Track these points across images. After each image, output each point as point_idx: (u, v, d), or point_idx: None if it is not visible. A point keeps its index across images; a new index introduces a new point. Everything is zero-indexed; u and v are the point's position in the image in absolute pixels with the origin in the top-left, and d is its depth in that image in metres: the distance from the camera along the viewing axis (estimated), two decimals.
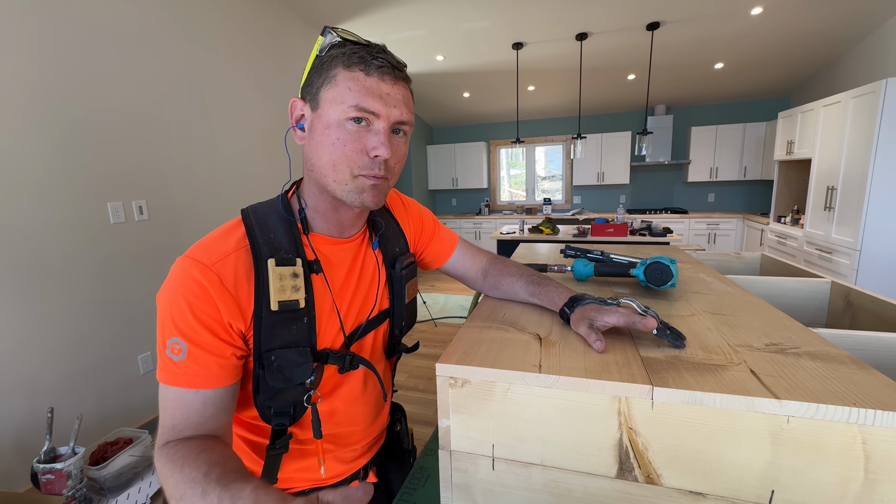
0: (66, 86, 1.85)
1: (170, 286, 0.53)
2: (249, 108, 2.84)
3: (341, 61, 0.54)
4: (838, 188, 3.12)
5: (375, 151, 0.55)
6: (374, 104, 0.54)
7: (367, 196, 0.57)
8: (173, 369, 0.52)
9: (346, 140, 0.54)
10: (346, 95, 0.53)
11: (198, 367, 0.52)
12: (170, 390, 0.53)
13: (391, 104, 0.55)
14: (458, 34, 3.66)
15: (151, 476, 1.81)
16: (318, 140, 0.56)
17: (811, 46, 3.74)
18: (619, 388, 0.45)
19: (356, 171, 0.56)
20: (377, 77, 0.54)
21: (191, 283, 0.52)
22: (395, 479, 0.84)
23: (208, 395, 0.53)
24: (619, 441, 0.46)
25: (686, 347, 0.54)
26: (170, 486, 0.47)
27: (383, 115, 0.55)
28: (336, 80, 0.54)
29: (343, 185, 0.56)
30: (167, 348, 0.52)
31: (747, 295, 0.77)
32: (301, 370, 0.57)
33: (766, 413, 0.41)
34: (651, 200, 5.80)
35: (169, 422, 0.53)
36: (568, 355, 0.53)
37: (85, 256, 1.94)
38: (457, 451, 0.53)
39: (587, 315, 0.58)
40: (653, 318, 0.54)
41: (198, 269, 0.53)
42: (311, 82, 0.57)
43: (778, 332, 0.58)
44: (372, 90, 0.54)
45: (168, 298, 0.53)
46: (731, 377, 0.45)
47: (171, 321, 0.52)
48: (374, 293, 0.69)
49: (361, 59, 0.53)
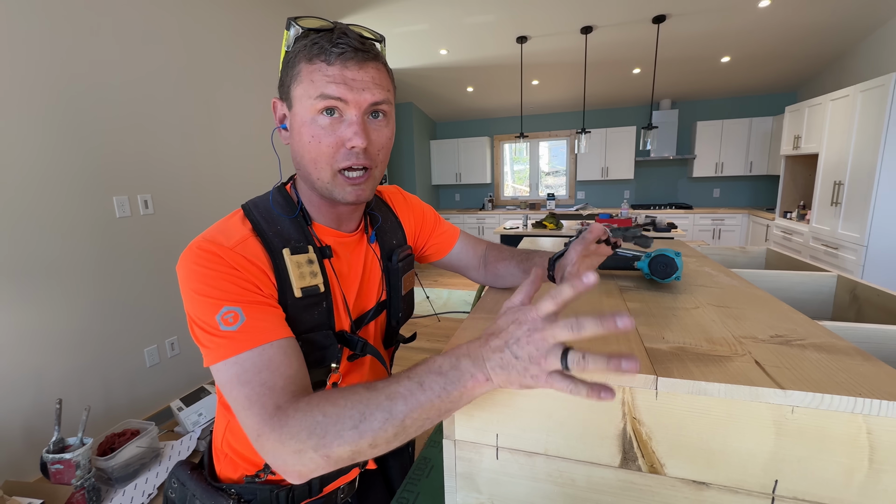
0: (71, 80, 1.86)
1: (196, 268, 0.51)
2: (253, 101, 2.84)
3: (303, 55, 0.52)
4: (846, 183, 3.09)
5: (351, 143, 0.53)
6: (340, 91, 0.51)
7: (349, 193, 0.56)
8: (236, 336, 0.48)
9: (320, 136, 0.53)
10: (310, 89, 0.52)
11: (262, 321, 0.50)
12: (240, 359, 0.47)
13: (359, 88, 0.52)
14: (462, 28, 3.64)
15: (158, 466, 1.83)
16: (297, 139, 0.55)
17: (819, 40, 3.70)
18: (623, 378, 0.45)
19: (336, 165, 0.54)
20: (339, 64, 0.51)
21: (217, 259, 0.51)
22: (393, 468, 0.85)
23: (286, 344, 0.50)
24: (623, 431, 0.46)
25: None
26: (332, 421, 0.42)
27: (352, 102, 0.52)
28: (301, 76, 0.52)
29: (326, 182, 0.56)
30: (220, 324, 0.48)
31: (752, 288, 0.76)
32: (330, 352, 0.58)
33: (771, 403, 0.41)
34: (655, 196, 5.76)
35: (259, 388, 0.46)
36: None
37: (91, 250, 1.96)
38: (461, 440, 0.53)
39: (562, 266, 0.65)
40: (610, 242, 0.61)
41: (219, 249, 0.52)
42: (282, 81, 0.56)
43: (783, 325, 0.58)
44: (336, 78, 0.51)
45: (199, 279, 0.50)
46: (736, 368, 0.45)
47: (214, 296, 0.49)
48: (373, 285, 0.70)
49: (321, 49, 0.51)
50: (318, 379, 0.60)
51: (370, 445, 0.42)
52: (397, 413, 0.41)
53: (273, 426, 0.44)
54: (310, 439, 0.42)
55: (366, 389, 0.43)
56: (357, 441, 0.41)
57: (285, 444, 0.43)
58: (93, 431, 1.88)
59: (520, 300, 0.42)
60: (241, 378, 0.47)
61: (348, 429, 0.41)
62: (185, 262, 0.52)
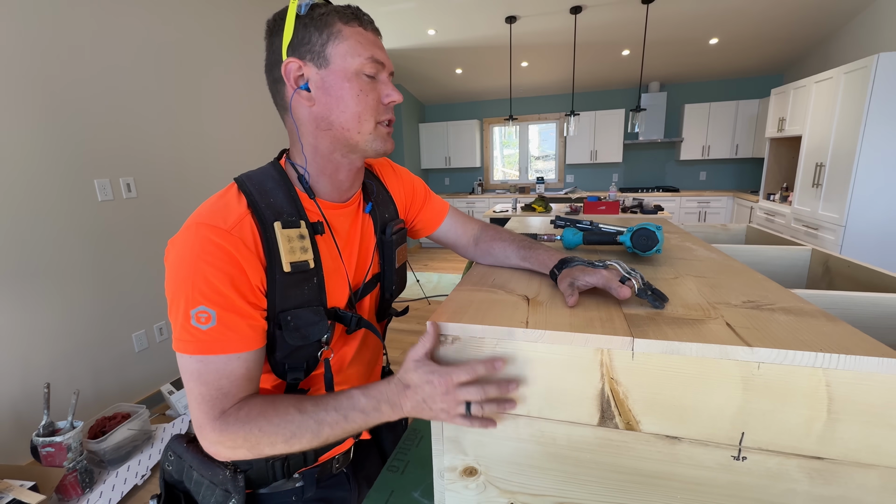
0: (50, 61, 1.79)
1: (189, 254, 0.51)
2: (238, 84, 2.77)
3: (337, 17, 0.56)
4: (827, 165, 3.15)
5: (391, 98, 0.59)
6: (382, 55, 0.58)
7: (388, 143, 0.62)
8: (203, 338, 0.51)
9: (367, 91, 0.57)
10: (358, 49, 0.56)
11: (231, 331, 0.52)
12: (206, 360, 0.51)
13: (386, 56, 0.60)
14: (451, 7, 3.57)
15: (151, 448, 1.85)
16: (337, 95, 0.56)
17: (806, 22, 3.71)
18: (601, 340, 0.47)
19: (378, 118, 0.59)
20: (372, 32, 0.58)
21: (213, 249, 0.51)
22: (387, 439, 0.88)
23: (249, 357, 0.54)
24: (602, 391, 0.49)
25: (668, 305, 0.56)
26: (266, 435, 0.51)
27: (387, 65, 0.59)
28: (343, 35, 0.55)
29: (367, 134, 0.59)
30: (191, 318, 0.50)
31: (730, 261, 0.79)
32: (317, 328, 0.59)
33: (739, 360, 0.43)
34: (644, 179, 5.81)
35: (215, 391, 0.52)
36: (554, 313, 0.54)
37: (74, 234, 1.92)
38: None
39: (571, 274, 0.60)
40: (629, 288, 0.55)
41: (218, 234, 0.52)
42: (307, 40, 0.55)
43: (756, 292, 0.61)
44: (375, 43, 0.58)
45: (189, 267, 0.51)
46: (708, 329, 0.48)
47: (196, 290, 0.50)
48: (368, 256, 0.71)
49: (354, 15, 0.57)
50: (309, 354, 0.61)
51: (297, 451, 0.54)
52: (323, 435, 0.53)
53: (215, 427, 0.52)
54: (245, 444, 0.52)
55: (298, 413, 0.53)
56: (286, 450, 0.53)
57: (223, 443, 0.52)
58: (82, 416, 1.88)
59: (423, 354, 0.52)
60: (201, 377, 0.52)
61: (280, 442, 0.52)
62: (184, 245, 0.51)
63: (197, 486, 0.63)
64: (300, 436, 0.52)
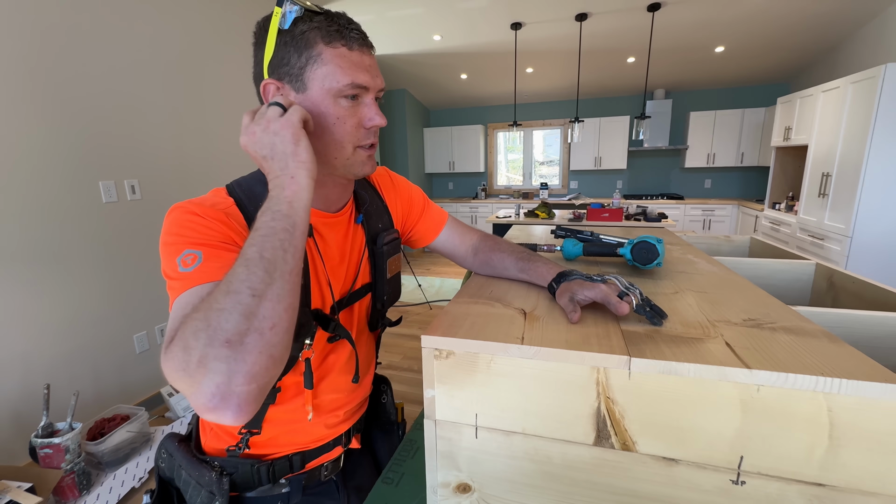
0: (54, 62, 1.81)
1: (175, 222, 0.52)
2: (242, 86, 2.79)
3: (319, 36, 0.53)
4: (833, 175, 3.13)
5: (373, 122, 0.57)
6: (365, 79, 0.55)
7: (367, 166, 0.60)
8: (189, 275, 0.48)
9: (344, 117, 0.56)
10: (338, 75, 0.54)
11: (215, 263, 0.49)
12: (190, 292, 0.47)
13: (374, 75, 0.57)
14: (456, 13, 3.59)
15: (149, 451, 1.84)
16: (314, 122, 0.55)
17: (813, 30, 3.70)
18: (597, 358, 0.46)
19: (355, 143, 0.58)
20: (359, 50, 0.55)
21: (196, 215, 0.52)
22: (381, 449, 0.87)
23: None
24: (598, 410, 0.48)
25: (666, 322, 0.55)
26: (215, 300, 0.40)
27: (372, 88, 0.57)
28: (322, 58, 0.53)
29: (345, 160, 0.59)
30: (178, 266, 0.48)
31: (732, 275, 0.78)
32: (304, 329, 0.59)
33: (738, 382, 0.42)
34: (648, 186, 5.79)
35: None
36: (551, 328, 0.54)
37: (78, 235, 1.94)
38: (441, 420, 0.54)
39: (570, 289, 0.60)
40: (627, 304, 0.55)
41: (201, 210, 0.53)
42: (286, 61, 0.54)
43: (757, 309, 0.60)
44: (359, 65, 0.55)
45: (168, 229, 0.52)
46: (707, 349, 0.47)
47: (181, 238, 0.50)
48: (357, 266, 0.70)
49: (339, 32, 0.54)
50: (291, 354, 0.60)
51: (270, 298, 0.41)
52: (273, 260, 0.43)
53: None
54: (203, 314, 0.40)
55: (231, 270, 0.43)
56: (255, 306, 0.40)
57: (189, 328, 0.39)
58: (82, 417, 1.88)
59: None
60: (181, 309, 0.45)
61: (236, 308, 0.40)
62: (167, 221, 0.53)
63: (185, 486, 0.64)
64: (249, 279, 0.41)
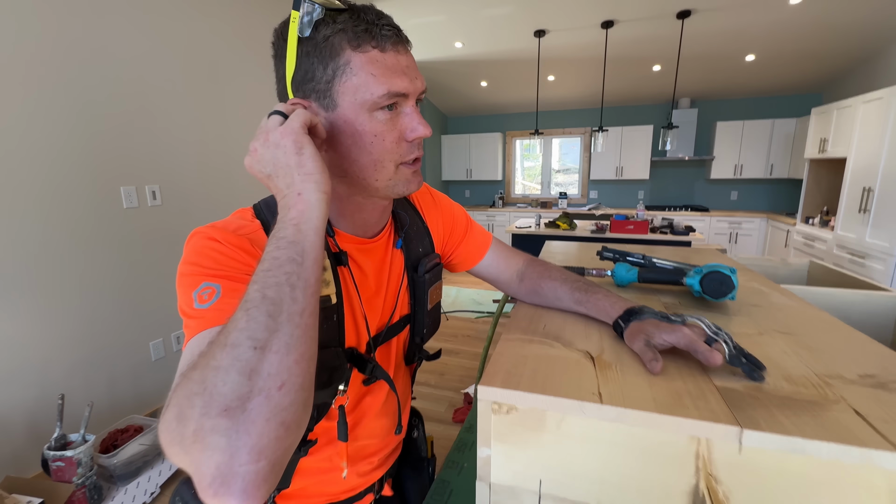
0: (79, 68, 1.80)
1: (193, 251, 0.46)
2: (264, 91, 2.77)
3: (346, 40, 0.45)
4: (876, 190, 2.96)
5: (415, 133, 0.49)
6: (403, 84, 0.47)
7: (412, 184, 0.53)
8: (205, 314, 0.41)
9: (383, 134, 0.48)
10: (371, 84, 0.45)
11: (235, 299, 0.39)
12: (200, 337, 0.40)
13: (413, 77, 0.48)
14: (479, 20, 3.54)
15: (161, 465, 1.80)
16: (348, 144, 0.48)
17: (849, 40, 3.55)
18: (698, 427, 0.38)
19: (398, 160, 0.50)
20: (393, 51, 0.47)
21: (217, 241, 0.46)
22: (412, 489, 0.79)
23: None
24: (695, 488, 0.39)
25: (766, 375, 0.46)
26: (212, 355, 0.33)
27: (412, 93, 0.48)
28: (351, 66, 0.45)
29: (387, 180, 0.50)
30: (195, 301, 0.42)
31: (814, 310, 0.69)
32: (338, 373, 0.52)
33: (887, 469, 0.34)
34: (671, 197, 5.64)
35: None
36: (630, 381, 0.46)
37: (97, 241, 1.92)
38: (497, 484, 0.47)
39: (644, 330, 0.51)
40: (718, 352, 0.46)
41: (222, 236, 0.47)
42: (311, 75, 0.46)
43: (868, 360, 0.51)
44: (395, 68, 0.46)
45: (187, 257, 0.46)
46: (833, 419, 0.38)
47: (199, 268, 0.44)
48: (395, 296, 0.63)
49: (368, 32, 0.45)
50: (321, 401, 0.52)
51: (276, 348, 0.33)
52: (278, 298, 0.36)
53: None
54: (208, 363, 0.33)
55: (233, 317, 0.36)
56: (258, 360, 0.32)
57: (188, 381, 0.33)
58: (96, 426, 1.85)
59: None
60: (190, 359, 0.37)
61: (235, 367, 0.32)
62: (188, 247, 0.47)
63: None
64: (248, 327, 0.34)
